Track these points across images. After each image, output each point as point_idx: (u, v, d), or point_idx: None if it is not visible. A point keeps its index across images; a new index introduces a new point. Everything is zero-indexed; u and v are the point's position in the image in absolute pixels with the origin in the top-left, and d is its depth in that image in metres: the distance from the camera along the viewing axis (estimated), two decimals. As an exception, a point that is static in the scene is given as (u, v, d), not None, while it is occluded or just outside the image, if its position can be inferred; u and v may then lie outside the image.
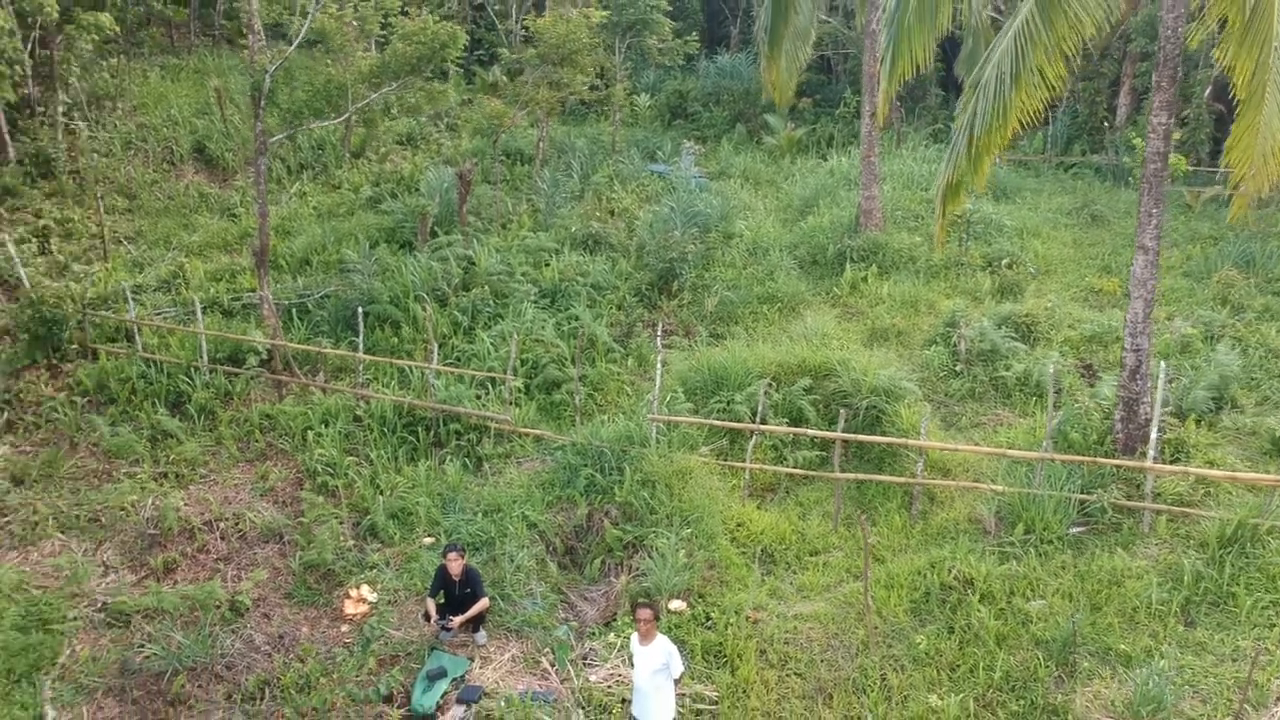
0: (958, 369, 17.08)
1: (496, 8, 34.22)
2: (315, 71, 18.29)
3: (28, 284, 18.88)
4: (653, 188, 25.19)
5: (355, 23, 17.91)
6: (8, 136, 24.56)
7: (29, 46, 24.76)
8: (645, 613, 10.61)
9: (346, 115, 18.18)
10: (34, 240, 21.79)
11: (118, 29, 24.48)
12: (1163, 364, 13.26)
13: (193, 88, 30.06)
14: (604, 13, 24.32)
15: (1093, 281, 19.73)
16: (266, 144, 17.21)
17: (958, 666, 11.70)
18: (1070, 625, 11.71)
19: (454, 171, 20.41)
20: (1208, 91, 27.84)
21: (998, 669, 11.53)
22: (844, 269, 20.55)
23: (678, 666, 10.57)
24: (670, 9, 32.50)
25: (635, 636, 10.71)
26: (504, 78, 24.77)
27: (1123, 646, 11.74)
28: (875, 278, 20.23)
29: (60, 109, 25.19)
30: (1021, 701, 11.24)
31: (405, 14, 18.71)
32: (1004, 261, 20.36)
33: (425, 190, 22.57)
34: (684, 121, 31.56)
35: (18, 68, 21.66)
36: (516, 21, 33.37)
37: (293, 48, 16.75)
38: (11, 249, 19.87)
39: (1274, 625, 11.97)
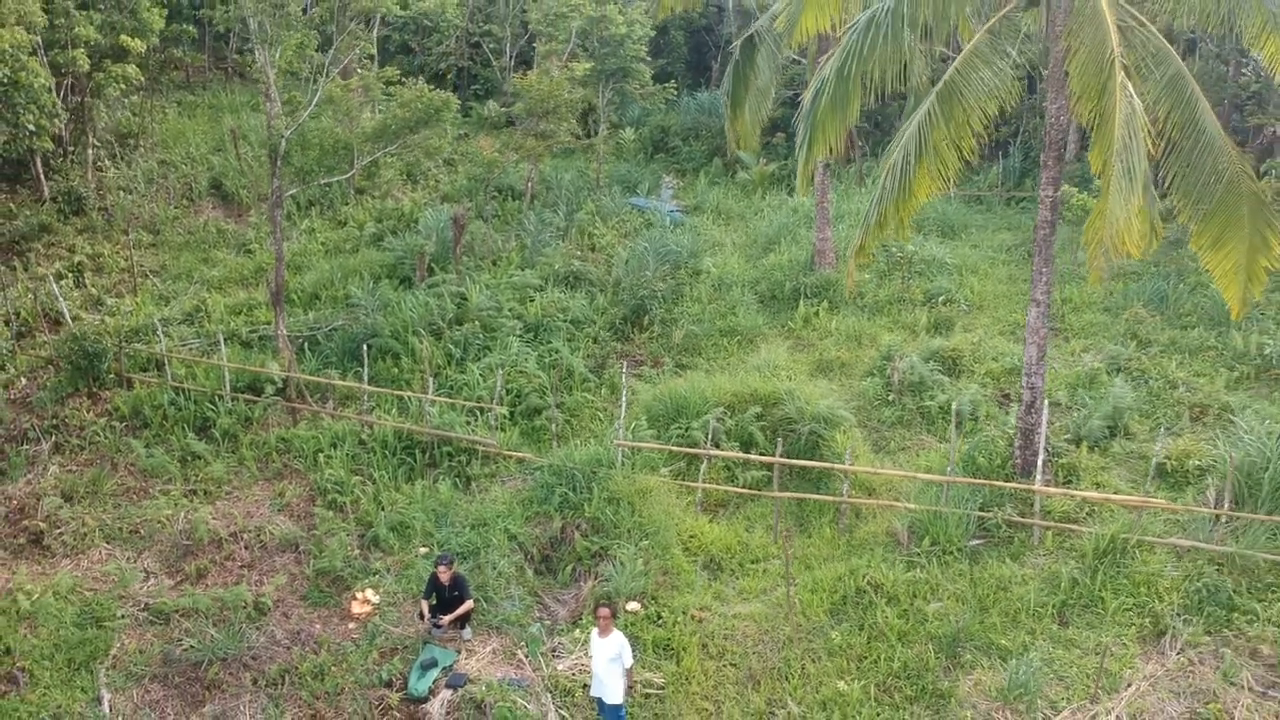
0: (890, 398, 19.37)
1: (492, 46, 36.51)
2: (325, 132, 20.52)
3: (69, 319, 21.19)
4: (632, 223, 27.46)
5: (360, 88, 20.21)
6: (43, 177, 26.91)
7: (62, 94, 27.10)
8: (604, 611, 12.99)
9: (352, 172, 20.48)
10: (70, 276, 24.10)
11: (143, 78, 26.77)
12: (1045, 404, 15.57)
13: (209, 123, 32.42)
14: (587, 65, 26.62)
15: (1019, 317, 21.99)
16: (282, 197, 19.54)
17: (865, 658, 13.99)
18: (956, 624, 14.02)
19: (450, 215, 22.67)
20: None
21: (897, 660, 13.83)
22: (799, 304, 22.84)
23: (629, 658, 12.88)
24: (653, 43, 34.86)
25: (595, 631, 13.07)
26: (499, 110, 26.98)
27: (1004, 642, 14.02)
28: (826, 313, 22.52)
29: (90, 151, 27.51)
30: (915, 687, 13.54)
31: (402, 82, 21.03)
32: (941, 298, 22.66)
33: (423, 229, 24.88)
34: (665, 155, 33.82)
35: (55, 120, 23.95)
36: (510, 59, 35.70)
37: (305, 114, 19.06)
38: (54, 287, 22.19)
39: (1133, 624, 14.26)
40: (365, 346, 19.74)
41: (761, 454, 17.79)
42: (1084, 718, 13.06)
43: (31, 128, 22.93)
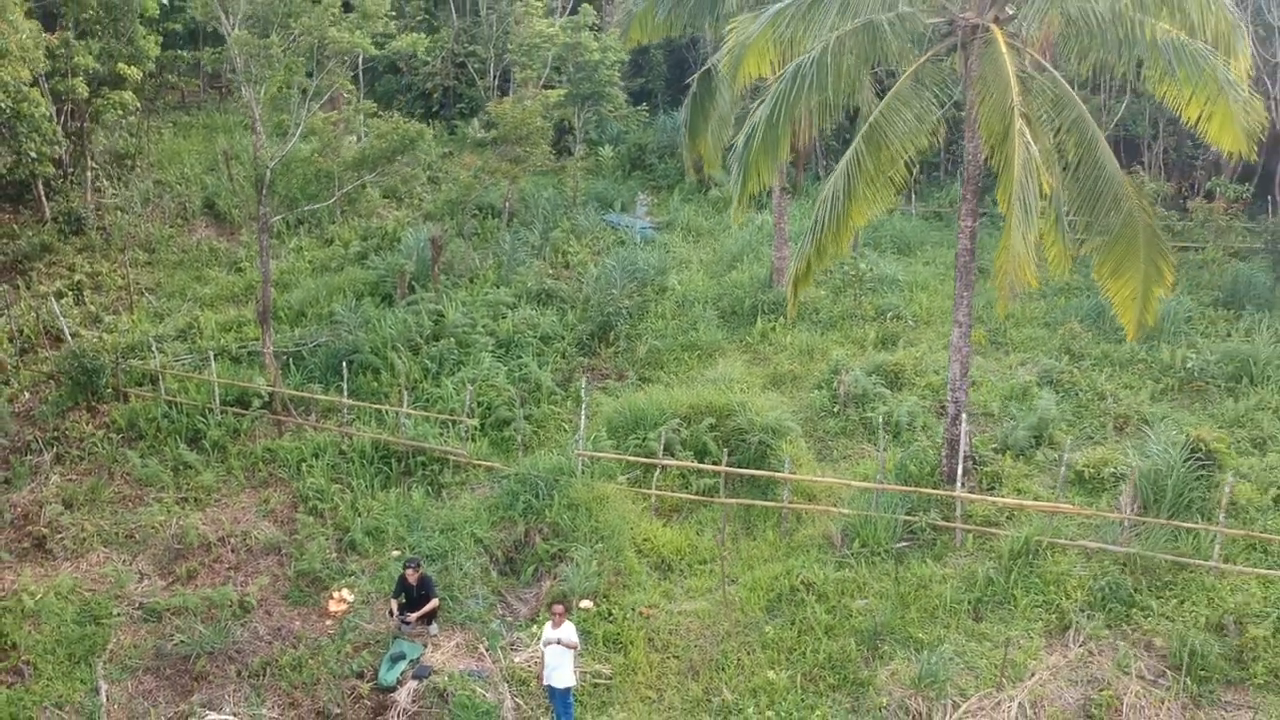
0: (835, 410, 20.74)
1: (477, 66, 37.90)
2: (308, 162, 21.92)
3: (70, 337, 22.58)
4: (606, 240, 28.84)
5: (341, 123, 21.61)
6: (44, 198, 28.31)
7: (62, 119, 28.49)
8: (558, 607, 14.51)
9: (333, 199, 21.90)
10: (70, 294, 25.48)
11: (139, 104, 28.14)
12: (964, 418, 16.96)
13: (203, 143, 33.80)
14: (561, 91, 27.99)
15: (962, 332, 23.34)
16: (268, 223, 20.93)
17: (794, 650, 15.37)
18: (878, 619, 15.39)
19: (428, 236, 24.07)
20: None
21: (822, 652, 15.20)
22: (757, 320, 24.21)
23: (575, 638, 14.26)
24: (633, 62, 36.19)
25: (549, 625, 14.48)
26: (482, 131, 28.38)
27: (921, 635, 15.38)
28: (782, 328, 23.89)
29: (89, 173, 28.90)
30: (837, 676, 14.92)
31: (379, 115, 22.40)
32: (890, 314, 24.04)
33: (404, 248, 26.26)
34: (642, 172, 35.15)
35: (56, 146, 25.33)
36: (494, 79, 37.08)
37: (290, 146, 20.44)
38: (55, 306, 23.58)
39: (1041, 619, 15.63)
40: (346, 363, 21.13)
41: (714, 463, 19.15)
42: (989, 704, 14.42)
43: (34, 154, 24.30)
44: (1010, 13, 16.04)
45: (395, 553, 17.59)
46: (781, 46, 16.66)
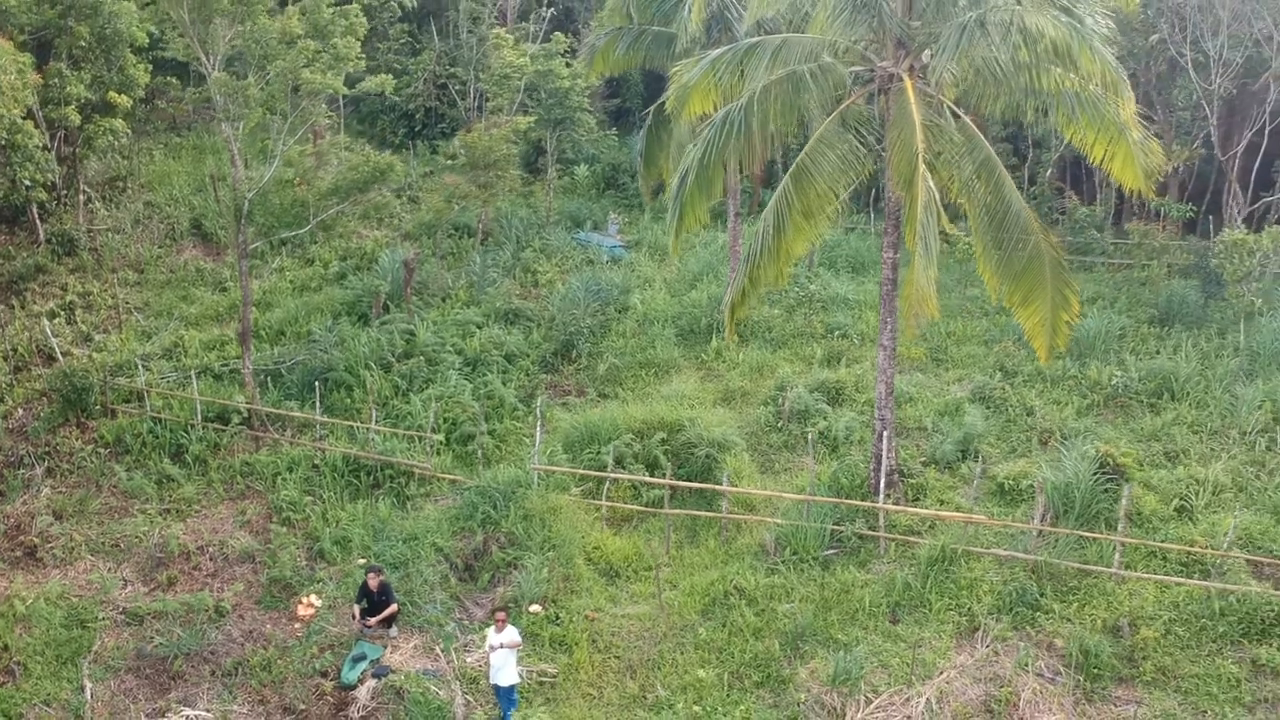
0: (779, 425, 22.07)
1: (457, 88, 39.28)
2: (284, 192, 23.26)
3: (61, 356, 23.93)
4: (575, 259, 30.18)
5: (315, 154, 22.95)
6: (38, 221, 29.66)
7: (55, 144, 29.81)
8: (501, 614, 15.83)
9: (309, 226, 23.26)
10: (62, 314, 26.83)
11: (129, 131, 29.50)
12: (887, 435, 18.31)
13: (192, 164, 35.14)
14: (531, 118, 29.35)
15: (904, 350, 24.64)
16: (247, 249, 22.28)
17: (723, 650, 16.69)
18: (800, 622, 16.72)
19: (402, 259, 25.44)
20: (1049, 171, 32.92)
21: (749, 652, 16.53)
22: (712, 338, 25.54)
23: (517, 638, 15.58)
24: (611, 81, 37.53)
25: (492, 629, 15.80)
26: (451, 160, 29.75)
27: (840, 636, 16.70)
28: (736, 346, 25.22)
29: (81, 196, 30.26)
30: (761, 674, 16.25)
31: (350, 149, 23.79)
32: (838, 333, 25.38)
33: (381, 269, 27.61)
34: (615, 191, 36.49)
35: (48, 174, 26.67)
36: (474, 100, 38.46)
37: (266, 178, 21.78)
38: (47, 327, 24.94)
39: (952, 621, 16.95)
40: (319, 382, 22.47)
41: (663, 475, 20.46)
42: (899, 700, 15.75)
43: (28, 182, 25.65)
44: (924, 61, 17.35)
45: (361, 560, 18.90)
46: (721, 89, 18.02)
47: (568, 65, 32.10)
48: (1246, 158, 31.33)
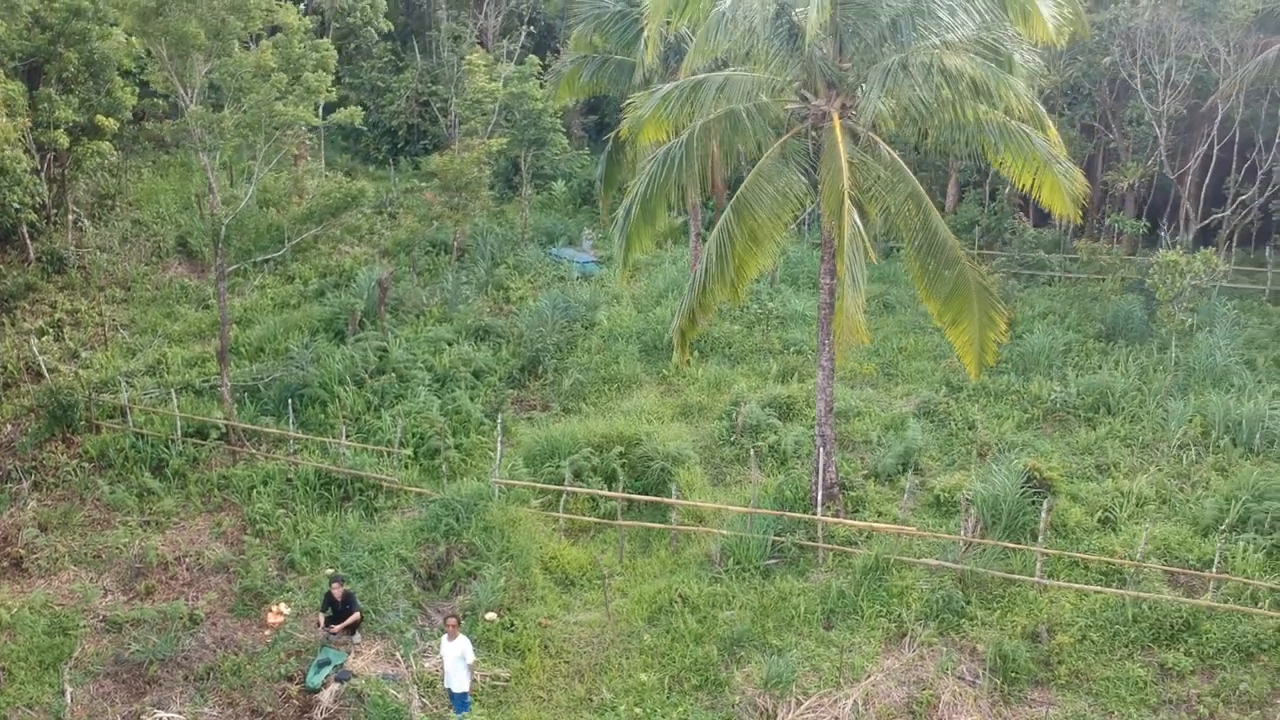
0: (732, 439, 23.12)
1: (439, 105, 40.35)
2: (259, 218, 24.35)
3: (47, 373, 25.01)
4: (548, 275, 31.23)
5: (290, 182, 24.02)
6: (28, 239, 30.73)
7: (45, 165, 30.88)
8: (452, 621, 16.84)
9: (284, 250, 24.37)
10: (51, 331, 27.91)
11: (116, 153, 30.57)
12: (823, 451, 19.36)
13: (180, 181, 36.22)
14: (503, 140, 30.46)
15: (856, 366, 25.73)
16: (225, 273, 23.35)
17: (666, 655, 17.71)
18: (738, 628, 17.76)
19: (376, 280, 26.54)
20: (1009, 189, 33.95)
21: (689, 657, 17.55)
22: (673, 354, 26.54)
23: (470, 655, 16.63)
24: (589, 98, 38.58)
25: (445, 636, 16.84)
26: (423, 182, 30.85)
27: (776, 641, 17.72)
28: (696, 361, 26.27)
29: (70, 215, 31.33)
30: (700, 678, 17.27)
31: (328, 174, 24.88)
32: (793, 349, 26.43)
33: (357, 287, 28.67)
34: (591, 207, 37.51)
35: (37, 196, 27.76)
36: (455, 117, 39.51)
37: (242, 204, 22.85)
38: (34, 345, 26.02)
39: (882, 628, 17.97)
40: (292, 399, 23.54)
41: (622, 488, 21.51)
42: (827, 702, 16.77)
43: (17, 205, 26.72)
44: (857, 100, 18.39)
45: (329, 570, 19.94)
46: (673, 119, 19.08)
47: (541, 86, 33.17)
48: (1201, 174, 32.42)
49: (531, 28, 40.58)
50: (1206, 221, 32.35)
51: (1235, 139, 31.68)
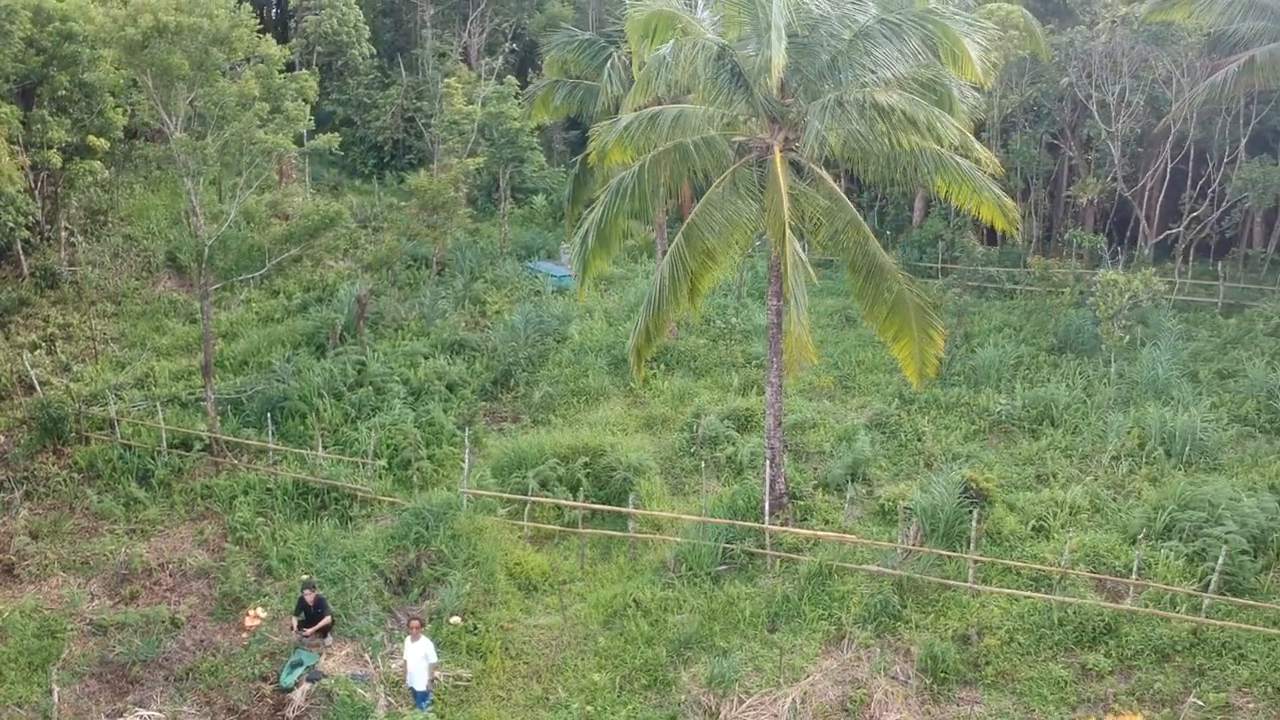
0: (692, 450, 24.22)
1: (424, 121, 41.47)
2: (241, 239, 25.48)
3: (39, 386, 26.12)
4: (524, 289, 32.35)
5: (270, 206, 25.15)
6: (22, 256, 31.85)
7: (38, 183, 31.99)
8: (415, 623, 17.93)
9: (266, 269, 25.49)
10: (43, 345, 29.02)
11: (107, 171, 31.68)
12: (770, 461, 20.45)
13: (170, 197, 37.32)
14: (480, 159, 31.60)
15: (814, 379, 26.84)
16: (209, 291, 24.47)
17: (618, 657, 18.80)
18: (687, 630, 18.85)
19: (355, 296, 27.66)
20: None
21: (640, 658, 18.63)
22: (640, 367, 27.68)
23: (433, 656, 17.73)
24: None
25: (409, 638, 17.94)
26: (402, 201, 32.01)
27: (722, 643, 18.80)
28: (662, 374, 27.38)
29: (63, 231, 32.45)
30: (649, 678, 18.35)
31: (312, 193, 26.00)
32: (755, 362, 27.53)
33: (339, 301, 29.78)
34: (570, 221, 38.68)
35: (30, 216, 28.87)
36: (439, 134, 40.60)
37: (224, 226, 23.96)
38: (27, 359, 27.14)
39: (822, 630, 19.05)
40: (273, 411, 24.64)
41: (585, 497, 22.60)
42: (768, 700, 17.85)
43: (10, 225, 27.84)
44: (798, 134, 19.49)
45: (304, 576, 21.03)
46: (636, 145, 20.18)
47: (520, 106, 34.29)
48: (1158, 190, 33.56)
49: (515, 45, 41.69)
50: (1162, 236, 33.44)
51: (1190, 156, 32.80)
